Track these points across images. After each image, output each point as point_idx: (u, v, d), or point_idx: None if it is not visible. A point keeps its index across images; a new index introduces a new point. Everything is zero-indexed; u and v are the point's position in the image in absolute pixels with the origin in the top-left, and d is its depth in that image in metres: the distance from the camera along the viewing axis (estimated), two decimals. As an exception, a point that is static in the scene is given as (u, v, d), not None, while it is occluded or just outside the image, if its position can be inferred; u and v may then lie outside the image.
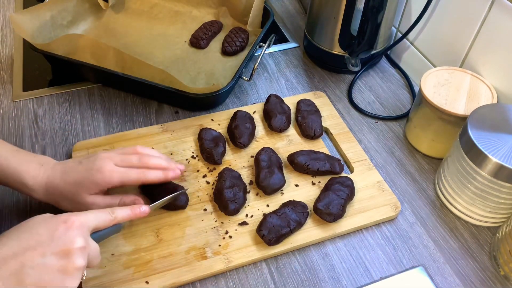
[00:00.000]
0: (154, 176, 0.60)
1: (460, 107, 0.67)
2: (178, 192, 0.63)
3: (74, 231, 0.46)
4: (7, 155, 0.57)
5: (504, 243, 0.59)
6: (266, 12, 0.94)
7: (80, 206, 0.57)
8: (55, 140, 0.75)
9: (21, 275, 0.42)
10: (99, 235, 0.52)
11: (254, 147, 0.74)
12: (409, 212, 0.68)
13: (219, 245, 0.61)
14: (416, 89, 0.88)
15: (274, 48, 0.97)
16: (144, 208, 0.56)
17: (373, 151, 0.76)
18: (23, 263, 0.43)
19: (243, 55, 0.90)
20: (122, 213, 0.53)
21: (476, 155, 0.59)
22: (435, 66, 0.83)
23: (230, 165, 0.71)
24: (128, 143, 0.73)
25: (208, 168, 0.71)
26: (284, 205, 0.64)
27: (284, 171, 0.70)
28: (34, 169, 0.57)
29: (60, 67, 0.88)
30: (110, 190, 0.60)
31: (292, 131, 0.77)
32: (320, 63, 0.92)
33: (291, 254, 0.62)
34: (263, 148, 0.70)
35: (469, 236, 0.65)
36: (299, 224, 0.62)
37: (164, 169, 0.61)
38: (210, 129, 0.73)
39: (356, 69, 0.84)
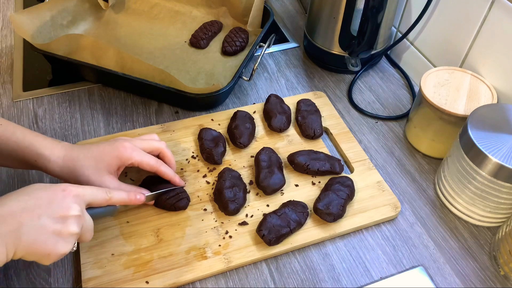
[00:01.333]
0: (167, 169, 0.63)
1: (460, 107, 0.67)
2: (175, 187, 0.64)
3: (71, 199, 0.49)
4: (24, 131, 0.58)
5: (504, 243, 0.59)
6: (266, 12, 0.94)
7: (93, 185, 0.58)
8: (55, 140, 0.75)
9: (18, 234, 0.45)
10: (93, 212, 0.53)
11: (254, 147, 0.74)
12: (409, 212, 0.68)
13: (219, 245, 0.61)
14: (416, 89, 0.88)
15: (274, 48, 0.97)
16: (140, 196, 0.58)
17: (373, 151, 0.76)
18: (21, 222, 0.45)
19: (243, 55, 0.90)
20: (118, 195, 0.55)
21: (476, 155, 0.59)
22: (435, 66, 0.83)
23: (230, 165, 0.71)
24: (128, 143, 0.73)
25: (208, 168, 0.71)
26: (284, 205, 0.64)
27: (284, 171, 0.70)
28: (52, 143, 0.58)
29: (60, 67, 0.88)
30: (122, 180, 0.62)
31: (292, 131, 0.77)
32: (320, 63, 0.92)
33: (291, 254, 0.62)
34: (263, 148, 0.70)
35: (469, 236, 0.65)
36: (299, 224, 0.62)
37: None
38: (210, 129, 0.73)
39: (356, 69, 0.84)
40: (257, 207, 0.66)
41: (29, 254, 0.46)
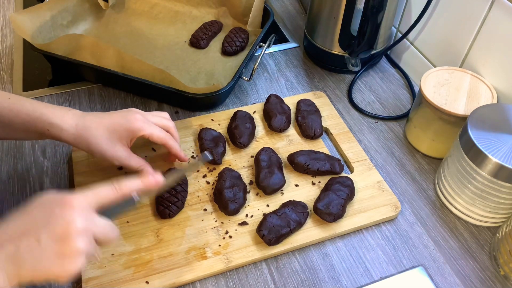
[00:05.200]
0: (175, 144, 0.63)
1: (460, 107, 0.67)
2: (198, 160, 0.62)
3: (70, 212, 0.43)
4: (33, 102, 0.58)
5: (504, 243, 0.59)
6: (266, 12, 0.94)
7: (105, 155, 0.59)
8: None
9: (18, 260, 0.41)
10: (111, 211, 0.49)
11: (254, 147, 0.74)
12: (409, 212, 0.68)
13: (219, 245, 0.61)
14: (416, 89, 0.88)
15: (274, 48, 0.97)
16: (158, 178, 0.52)
17: (373, 151, 0.76)
18: (19, 247, 0.41)
19: (243, 55, 0.90)
20: (129, 185, 0.49)
21: (476, 155, 0.59)
22: (435, 66, 0.83)
23: (230, 165, 0.71)
24: (128, 143, 0.73)
25: (208, 168, 0.71)
26: (284, 205, 0.64)
27: (284, 171, 0.70)
28: (62, 111, 0.59)
29: (60, 67, 0.88)
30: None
31: (292, 131, 0.77)
32: (320, 63, 0.92)
33: (291, 254, 0.62)
34: (263, 148, 0.70)
35: (469, 236, 0.65)
36: (299, 224, 0.62)
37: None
38: (210, 129, 0.73)
39: (356, 69, 0.84)
40: (257, 207, 0.66)
41: (37, 280, 0.42)
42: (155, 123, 0.62)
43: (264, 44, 0.86)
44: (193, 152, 0.73)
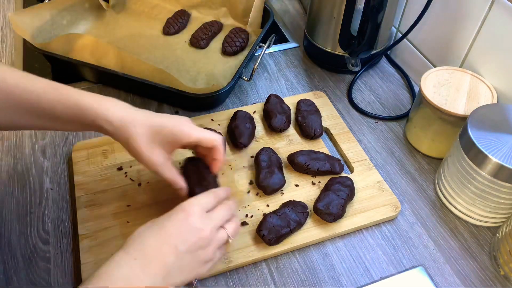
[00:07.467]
0: (222, 149, 0.59)
1: (460, 107, 0.67)
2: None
3: (195, 219, 0.49)
4: (80, 92, 0.55)
5: (504, 243, 0.59)
6: (266, 12, 0.94)
7: (141, 156, 0.55)
8: (55, 140, 0.75)
9: (166, 279, 0.46)
10: None
11: (254, 147, 0.74)
12: (409, 212, 0.68)
13: (219, 245, 0.61)
14: (416, 89, 0.88)
15: (274, 48, 0.97)
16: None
17: (373, 151, 0.76)
18: (167, 267, 0.46)
19: (243, 55, 0.90)
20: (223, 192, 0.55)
21: (476, 155, 0.59)
22: (435, 66, 0.83)
23: (230, 165, 0.71)
24: (128, 143, 0.73)
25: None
26: (284, 205, 0.64)
27: (284, 171, 0.70)
28: (109, 102, 0.55)
29: (60, 67, 0.88)
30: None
31: (292, 131, 0.77)
32: (320, 63, 0.92)
33: (291, 254, 0.62)
34: (263, 148, 0.70)
35: (469, 236, 0.65)
36: (299, 224, 0.62)
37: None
38: (210, 129, 0.73)
39: (356, 69, 0.84)
40: (257, 207, 0.66)
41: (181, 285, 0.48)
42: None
43: (264, 44, 0.86)
44: (193, 153, 0.73)
